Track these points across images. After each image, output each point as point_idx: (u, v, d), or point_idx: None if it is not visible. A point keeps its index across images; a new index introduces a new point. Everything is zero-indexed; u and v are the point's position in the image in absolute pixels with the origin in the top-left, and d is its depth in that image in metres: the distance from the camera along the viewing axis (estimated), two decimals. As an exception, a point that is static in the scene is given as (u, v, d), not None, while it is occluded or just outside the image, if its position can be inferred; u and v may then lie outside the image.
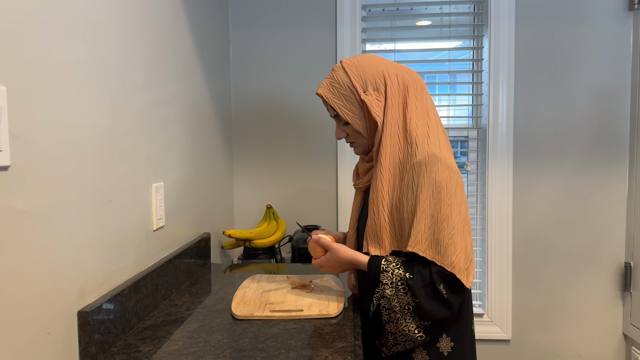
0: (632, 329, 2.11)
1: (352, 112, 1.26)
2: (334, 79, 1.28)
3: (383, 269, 1.18)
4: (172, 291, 1.43)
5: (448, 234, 1.13)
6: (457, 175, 1.19)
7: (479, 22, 2.20)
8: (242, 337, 1.11)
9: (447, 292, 1.14)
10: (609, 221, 2.16)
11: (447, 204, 1.14)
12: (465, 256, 1.14)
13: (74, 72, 0.98)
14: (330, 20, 2.19)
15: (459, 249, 1.14)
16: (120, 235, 1.17)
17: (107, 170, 1.10)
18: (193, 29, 1.71)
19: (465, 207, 1.18)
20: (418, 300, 1.14)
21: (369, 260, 1.22)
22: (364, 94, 1.24)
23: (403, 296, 1.15)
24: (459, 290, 1.15)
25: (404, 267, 1.17)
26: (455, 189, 1.16)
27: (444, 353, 1.22)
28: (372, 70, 1.25)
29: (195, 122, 1.73)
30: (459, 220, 1.15)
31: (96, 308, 1.01)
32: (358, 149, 1.36)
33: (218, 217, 2.03)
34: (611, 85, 2.12)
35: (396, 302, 1.16)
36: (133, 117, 1.24)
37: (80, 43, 1.00)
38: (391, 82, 1.24)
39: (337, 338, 1.10)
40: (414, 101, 1.25)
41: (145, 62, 1.31)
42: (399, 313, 1.16)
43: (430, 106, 1.28)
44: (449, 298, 1.14)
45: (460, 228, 1.15)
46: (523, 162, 2.17)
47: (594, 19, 2.10)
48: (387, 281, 1.17)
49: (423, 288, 1.14)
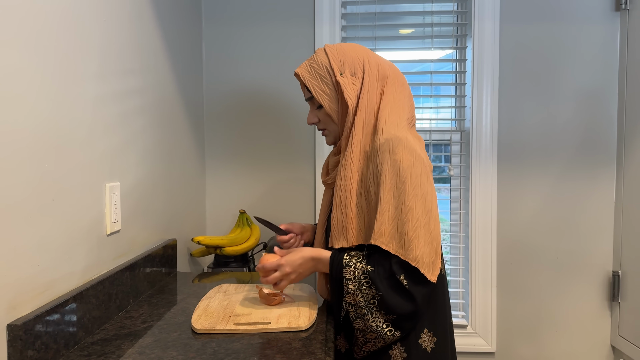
0: (620, 341, 2.03)
1: (326, 93, 1.23)
2: (313, 60, 1.26)
3: (345, 263, 1.13)
4: (129, 302, 1.31)
5: (412, 226, 1.08)
6: (421, 162, 1.12)
7: (462, 22, 2.12)
8: (200, 354, 0.99)
9: (409, 284, 1.08)
10: (596, 228, 2.09)
11: (412, 194, 1.09)
12: (430, 249, 1.09)
13: (3, 53, 0.86)
14: (308, 17, 2.09)
15: (422, 242, 1.09)
16: (66, 239, 1.05)
17: (48, 166, 0.98)
18: (160, 21, 1.59)
19: (430, 198, 1.12)
20: (381, 293, 1.09)
21: (331, 256, 1.17)
22: (340, 76, 1.20)
23: (367, 290, 1.10)
24: (422, 282, 1.09)
25: (365, 260, 1.13)
26: (420, 178, 1.10)
27: (427, 349, 1.16)
28: (352, 55, 1.22)
29: (161, 119, 1.61)
30: (423, 212, 1.10)
31: (30, 320, 0.89)
32: (329, 138, 1.31)
33: (188, 223, 1.90)
34: (598, 88, 2.05)
35: (360, 297, 1.11)
36: (84, 109, 1.12)
37: (13, 18, 0.88)
38: (370, 69, 1.21)
39: (306, 354, 0.99)
40: (392, 93, 1.20)
41: (101, 50, 1.20)
42: (365, 308, 1.11)
43: (407, 105, 1.23)
44: (411, 289, 1.09)
45: (424, 220, 1.10)
46: (508, 167, 2.09)
47: (580, 20, 2.03)
48: (350, 276, 1.12)
49: (385, 280, 1.10)
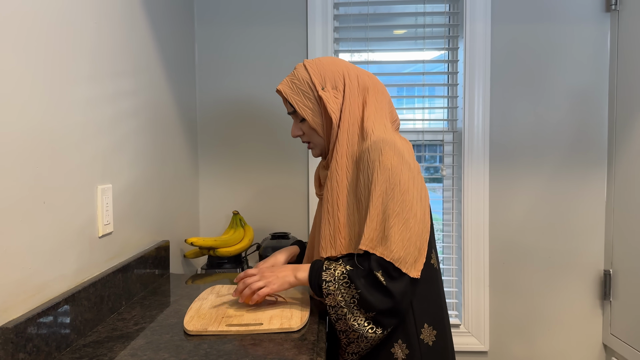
0: (612, 339, 2.04)
1: (309, 108, 1.25)
2: (294, 76, 1.28)
3: (325, 267, 1.15)
4: (122, 304, 1.31)
5: (397, 229, 1.10)
6: (408, 166, 1.14)
7: (454, 23, 2.13)
8: (192, 355, 0.99)
9: (387, 280, 1.09)
10: (588, 227, 2.10)
11: (399, 200, 1.11)
12: (412, 247, 1.11)
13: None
14: (301, 18, 2.09)
15: (401, 239, 1.10)
16: (58, 242, 1.05)
17: (40, 168, 0.98)
18: (152, 22, 1.60)
19: (418, 203, 1.14)
20: (360, 291, 1.10)
21: (312, 264, 1.18)
22: (322, 90, 1.22)
23: (347, 290, 1.11)
24: (400, 278, 1.11)
25: (345, 262, 1.15)
26: (407, 183, 1.13)
27: (429, 343, 1.18)
28: (332, 69, 1.25)
29: (154, 121, 1.61)
30: (408, 214, 1.12)
31: (21, 323, 0.89)
32: (315, 150, 1.33)
33: (181, 224, 1.90)
34: (589, 88, 2.06)
35: (340, 297, 1.11)
36: (76, 111, 1.12)
37: (2, 19, 0.88)
38: (350, 81, 1.24)
39: (298, 354, 1.00)
40: (374, 102, 1.23)
41: (93, 52, 1.20)
42: (346, 308, 1.12)
43: (389, 111, 1.27)
44: (389, 286, 1.09)
45: (406, 220, 1.11)
46: (499, 167, 2.10)
47: (570, 21, 2.05)
48: (330, 278, 1.13)
49: (363, 278, 1.11)
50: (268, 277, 1.20)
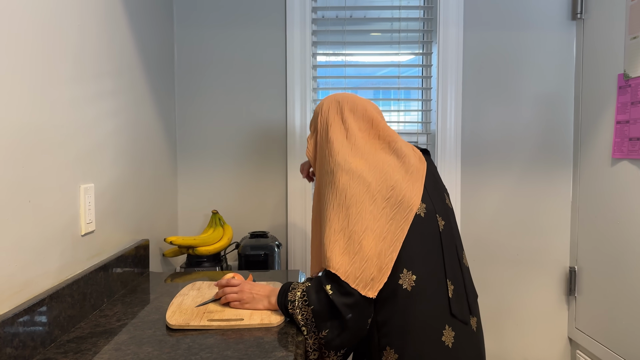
0: (577, 333, 2.14)
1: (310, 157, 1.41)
2: None
3: (292, 288, 1.19)
4: (104, 301, 1.33)
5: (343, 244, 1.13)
6: (361, 181, 1.17)
7: (428, 28, 2.20)
8: (175, 349, 1.03)
9: (334, 294, 1.11)
10: (554, 226, 2.19)
11: (344, 215, 1.15)
12: (370, 265, 1.11)
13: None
14: (279, 21, 2.14)
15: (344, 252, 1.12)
16: (42, 240, 1.07)
17: (25, 168, 1.01)
18: (133, 23, 1.62)
19: (376, 221, 1.14)
20: (313, 307, 1.13)
21: (281, 286, 1.22)
22: (308, 136, 1.40)
23: (305, 308, 1.14)
24: (349, 295, 1.10)
25: (309, 280, 1.19)
26: (356, 197, 1.16)
27: None
28: (315, 112, 1.40)
29: (133, 121, 1.63)
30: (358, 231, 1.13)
31: (9, 319, 0.91)
32: None
33: (160, 223, 1.93)
34: (555, 93, 2.16)
35: (300, 316, 1.15)
36: (59, 112, 1.14)
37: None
38: (321, 115, 1.36)
39: (278, 347, 1.04)
40: (339, 123, 1.32)
41: (76, 53, 1.22)
42: (306, 327, 1.14)
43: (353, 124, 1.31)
44: (334, 299, 1.10)
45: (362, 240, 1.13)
46: (471, 168, 2.18)
47: (538, 28, 2.14)
48: (292, 298, 1.17)
49: (316, 293, 1.14)
50: (245, 293, 1.24)
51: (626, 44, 1.79)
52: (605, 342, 1.94)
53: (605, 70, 1.93)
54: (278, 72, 2.14)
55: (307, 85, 2.13)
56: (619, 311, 1.86)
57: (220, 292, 1.27)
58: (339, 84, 2.23)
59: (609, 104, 1.90)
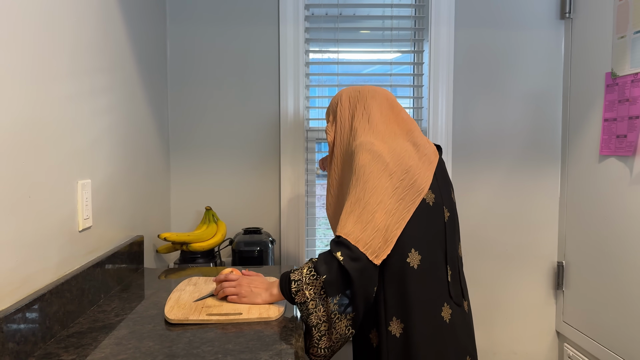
0: (564, 326, 2.18)
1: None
2: None
3: (293, 271, 1.24)
4: (101, 297, 1.33)
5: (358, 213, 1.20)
6: (380, 161, 1.25)
7: (419, 26, 2.22)
8: (176, 343, 1.04)
9: (345, 259, 1.16)
10: (542, 222, 2.23)
11: (362, 188, 1.22)
12: (378, 236, 1.19)
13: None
14: (273, 18, 2.14)
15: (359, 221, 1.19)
16: (41, 235, 1.07)
17: (25, 164, 1.01)
18: (126, 19, 1.61)
19: (390, 198, 1.22)
20: (324, 277, 1.17)
21: (281, 276, 1.26)
22: (327, 123, 1.49)
23: (314, 282, 1.19)
24: (359, 260, 1.17)
25: (311, 260, 1.23)
26: (374, 174, 1.24)
27: (396, 335, 1.25)
28: (333, 102, 1.50)
29: (128, 117, 1.63)
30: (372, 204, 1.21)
31: (11, 314, 0.91)
32: None
33: (153, 220, 1.93)
34: (544, 91, 2.19)
35: (310, 290, 1.18)
36: (57, 108, 1.14)
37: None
38: (341, 105, 1.46)
39: (278, 340, 1.06)
40: (361, 110, 1.41)
41: (72, 48, 1.22)
42: (317, 299, 1.18)
43: (375, 109, 1.41)
44: (345, 264, 1.16)
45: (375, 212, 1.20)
46: (461, 165, 2.21)
47: (528, 27, 2.17)
48: (298, 277, 1.21)
49: (325, 264, 1.19)
50: (243, 287, 1.26)
51: (614, 43, 1.83)
52: (592, 334, 1.98)
53: (593, 69, 1.97)
54: (271, 69, 2.15)
55: (300, 82, 2.14)
56: (605, 305, 1.90)
57: (219, 287, 1.28)
58: (331, 81, 2.24)
59: (596, 102, 1.94)
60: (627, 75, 1.76)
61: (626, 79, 1.76)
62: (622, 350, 1.81)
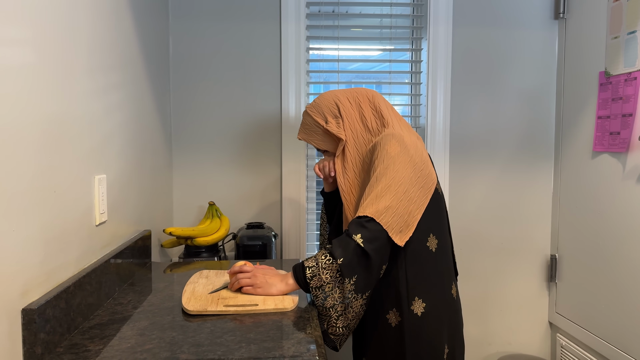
0: (557, 317, 2.25)
1: (324, 141, 1.52)
2: (303, 123, 1.56)
3: (307, 259, 1.28)
4: (115, 290, 1.36)
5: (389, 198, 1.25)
6: (406, 151, 1.31)
7: (418, 25, 2.27)
8: (198, 333, 1.07)
9: (364, 241, 1.22)
10: (536, 216, 2.30)
11: (391, 176, 1.28)
12: (401, 219, 1.26)
13: (14, 46, 0.90)
14: (274, 15, 2.17)
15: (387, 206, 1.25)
16: (63, 230, 1.10)
17: (51, 158, 1.03)
18: (134, 16, 1.63)
19: (413, 187, 1.30)
20: (341, 260, 1.22)
21: (294, 266, 1.31)
22: (326, 124, 1.48)
23: (330, 266, 1.23)
24: (378, 239, 1.23)
25: (325, 249, 1.28)
26: (400, 166, 1.30)
27: (417, 314, 1.33)
28: (327, 104, 1.51)
29: (136, 113, 1.65)
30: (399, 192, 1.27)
31: (42, 305, 0.94)
32: None
33: (157, 214, 1.95)
34: (538, 89, 2.26)
35: (325, 275, 1.23)
36: (77, 103, 1.16)
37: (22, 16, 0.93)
38: (343, 105, 1.48)
39: (296, 330, 1.09)
40: (370, 110, 1.47)
41: (89, 45, 1.24)
42: (332, 282, 1.23)
43: (384, 108, 1.48)
44: (365, 247, 1.21)
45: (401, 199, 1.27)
46: (458, 161, 2.27)
47: (523, 27, 2.23)
48: (313, 263, 1.25)
49: (341, 247, 1.23)
50: (258, 278, 1.30)
51: (607, 43, 1.89)
52: (584, 324, 2.06)
53: (586, 68, 2.03)
54: (273, 65, 2.18)
55: (302, 79, 2.17)
56: (597, 295, 1.97)
57: (233, 279, 1.32)
58: (331, 78, 2.28)
59: (590, 100, 2.01)
60: (620, 74, 1.82)
61: (620, 78, 1.83)
62: (613, 338, 1.88)
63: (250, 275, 1.30)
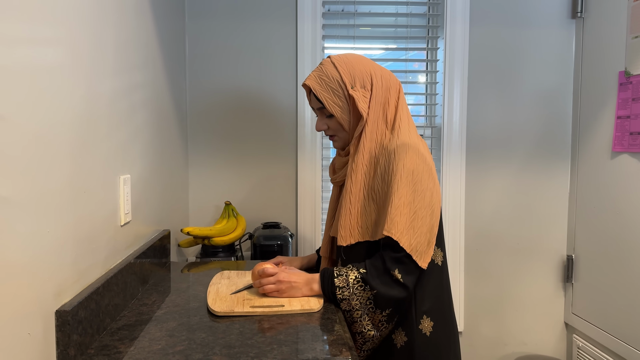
0: (573, 318, 2.25)
1: (339, 105, 1.31)
2: (322, 72, 1.32)
3: (337, 274, 1.24)
4: (139, 290, 1.36)
5: (421, 223, 1.21)
6: (425, 162, 1.25)
7: (434, 24, 2.26)
8: (228, 334, 1.06)
9: (403, 276, 1.19)
10: (552, 216, 2.29)
11: (421, 196, 1.22)
12: (425, 239, 1.21)
13: (48, 47, 0.90)
14: (290, 14, 2.16)
15: (420, 232, 1.20)
16: (92, 230, 1.09)
17: (81, 158, 1.03)
18: (154, 16, 1.63)
19: (430, 194, 1.23)
20: (375, 291, 1.19)
21: (321, 273, 1.28)
22: (352, 89, 1.29)
23: (361, 292, 1.21)
24: (413, 272, 1.21)
25: (355, 267, 1.24)
26: (427, 182, 1.23)
27: (426, 334, 1.28)
28: (361, 69, 1.31)
29: (157, 113, 1.65)
30: (427, 212, 1.22)
31: (74, 307, 0.93)
32: (338, 143, 1.40)
33: (174, 214, 1.94)
34: (555, 88, 2.24)
35: (356, 301, 1.21)
36: (104, 103, 1.16)
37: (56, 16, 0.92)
38: (377, 81, 1.31)
39: (325, 331, 1.09)
40: (394, 101, 1.33)
41: (115, 45, 1.24)
42: (361, 309, 1.21)
43: (404, 107, 1.36)
44: (404, 281, 1.19)
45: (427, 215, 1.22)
46: (474, 161, 2.26)
47: (540, 26, 2.22)
48: (343, 284, 1.22)
49: (378, 278, 1.20)
50: (283, 283, 1.27)
51: (627, 43, 1.88)
52: (601, 325, 2.05)
53: (605, 68, 2.02)
54: (289, 64, 2.17)
55: (318, 78, 2.16)
56: (615, 296, 1.96)
57: (257, 283, 1.30)
58: (347, 78, 2.27)
59: (609, 100, 1.99)
60: (641, 74, 1.81)
61: (640, 78, 1.81)
62: (631, 339, 1.87)
63: (274, 280, 1.28)
